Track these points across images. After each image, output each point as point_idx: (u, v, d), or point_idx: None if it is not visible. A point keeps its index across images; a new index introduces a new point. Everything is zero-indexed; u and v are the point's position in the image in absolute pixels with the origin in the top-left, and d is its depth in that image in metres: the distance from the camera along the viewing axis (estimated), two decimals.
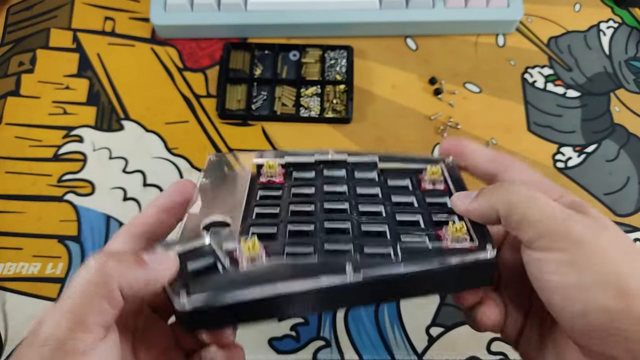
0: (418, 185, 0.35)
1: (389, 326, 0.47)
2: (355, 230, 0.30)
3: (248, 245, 0.27)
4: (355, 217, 0.31)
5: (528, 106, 0.55)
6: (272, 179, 0.34)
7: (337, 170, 0.36)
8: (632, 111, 0.55)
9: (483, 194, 0.29)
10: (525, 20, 0.59)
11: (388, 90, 0.55)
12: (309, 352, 0.45)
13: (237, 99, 0.54)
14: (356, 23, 0.56)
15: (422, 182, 0.35)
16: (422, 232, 0.30)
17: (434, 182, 0.34)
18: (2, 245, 0.49)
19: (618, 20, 0.59)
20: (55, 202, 0.50)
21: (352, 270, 0.26)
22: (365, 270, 0.26)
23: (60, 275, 0.48)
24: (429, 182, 0.34)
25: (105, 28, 0.57)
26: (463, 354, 0.46)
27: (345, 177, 0.35)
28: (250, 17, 0.55)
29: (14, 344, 0.45)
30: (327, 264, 0.27)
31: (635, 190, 0.52)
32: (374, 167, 0.36)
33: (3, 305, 0.47)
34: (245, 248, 0.27)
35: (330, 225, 0.30)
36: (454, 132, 0.54)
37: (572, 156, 0.53)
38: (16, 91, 0.54)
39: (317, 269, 0.26)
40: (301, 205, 0.32)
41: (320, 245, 0.29)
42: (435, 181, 0.34)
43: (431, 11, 0.56)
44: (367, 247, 0.29)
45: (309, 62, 0.56)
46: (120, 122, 0.53)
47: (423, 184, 0.35)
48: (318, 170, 0.36)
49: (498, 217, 0.28)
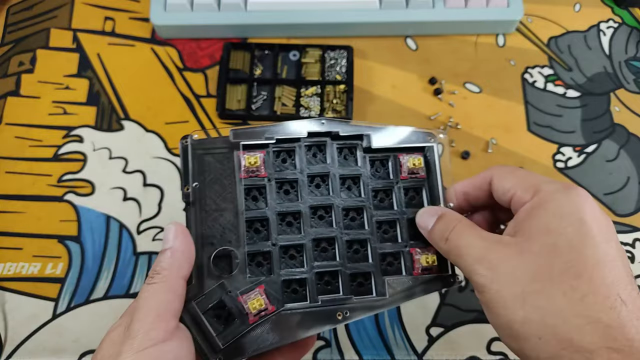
0: (399, 169, 0.37)
1: (389, 326, 0.47)
2: (344, 276, 0.35)
3: (254, 304, 0.32)
4: (341, 240, 0.35)
5: (528, 106, 0.55)
6: (256, 173, 0.35)
7: (317, 149, 0.37)
8: (632, 111, 0.55)
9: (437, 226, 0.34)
10: (525, 20, 0.59)
11: (388, 90, 0.55)
12: (309, 352, 0.45)
13: (237, 99, 0.54)
14: (356, 23, 0.56)
15: (402, 168, 0.37)
16: (400, 249, 0.36)
17: (413, 172, 0.37)
18: (2, 245, 0.49)
19: (618, 20, 0.59)
20: (55, 202, 0.50)
21: (342, 318, 0.33)
22: (353, 314, 0.33)
23: (60, 275, 0.48)
24: (409, 171, 0.37)
25: (105, 28, 0.57)
26: (463, 354, 0.46)
27: (329, 160, 0.37)
28: (250, 17, 0.55)
29: (14, 344, 0.45)
30: (323, 314, 0.33)
31: (635, 190, 0.52)
32: (359, 141, 0.37)
33: (3, 305, 0.47)
34: (252, 307, 0.32)
35: (320, 269, 0.35)
36: (454, 132, 0.54)
37: (572, 156, 0.53)
38: (16, 91, 0.54)
39: (315, 320, 0.33)
40: (289, 216, 0.36)
41: (313, 292, 0.34)
42: (414, 172, 0.37)
43: (431, 11, 0.56)
44: (355, 297, 0.34)
45: (309, 62, 0.56)
46: (120, 122, 0.53)
47: (403, 172, 0.37)
48: (301, 147, 0.36)
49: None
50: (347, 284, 0.34)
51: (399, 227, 0.36)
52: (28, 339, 0.46)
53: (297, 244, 0.35)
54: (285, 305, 0.33)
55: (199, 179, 0.35)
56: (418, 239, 0.36)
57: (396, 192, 0.37)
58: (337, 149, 0.37)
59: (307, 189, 0.36)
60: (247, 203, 0.35)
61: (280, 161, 0.36)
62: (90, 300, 0.47)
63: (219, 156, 0.35)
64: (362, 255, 0.36)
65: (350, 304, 0.33)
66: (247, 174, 0.35)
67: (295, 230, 0.35)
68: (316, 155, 0.37)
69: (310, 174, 0.36)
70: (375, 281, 0.35)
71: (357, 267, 0.35)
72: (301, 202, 0.35)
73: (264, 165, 0.35)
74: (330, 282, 0.35)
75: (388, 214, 0.36)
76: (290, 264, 0.35)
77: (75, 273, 0.48)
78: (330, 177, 0.36)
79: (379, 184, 0.37)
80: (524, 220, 0.30)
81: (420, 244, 0.36)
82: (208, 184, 0.35)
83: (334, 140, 0.37)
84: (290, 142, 0.36)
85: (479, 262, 0.30)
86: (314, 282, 0.34)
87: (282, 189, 0.36)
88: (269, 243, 0.34)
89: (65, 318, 0.46)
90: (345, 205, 0.36)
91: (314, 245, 0.35)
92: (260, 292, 0.32)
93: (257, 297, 0.32)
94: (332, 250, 0.35)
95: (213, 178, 0.35)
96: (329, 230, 0.35)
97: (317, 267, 0.34)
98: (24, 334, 0.46)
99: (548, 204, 0.29)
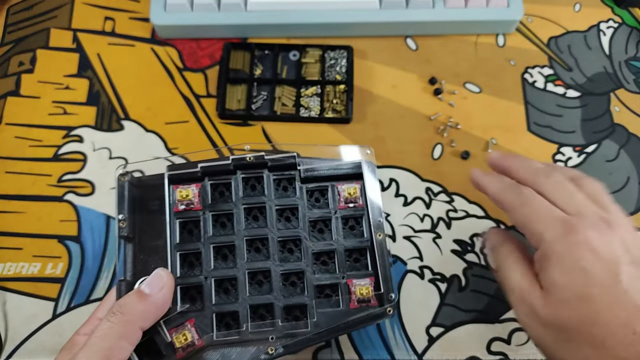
0: (338, 199, 0.37)
1: (389, 326, 0.47)
2: (277, 309, 0.34)
3: (180, 339, 0.32)
4: (276, 272, 0.35)
5: (528, 106, 0.55)
6: (189, 206, 0.36)
7: (255, 181, 0.37)
8: (632, 111, 0.55)
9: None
10: (525, 20, 0.59)
11: (388, 90, 0.55)
12: (309, 352, 0.45)
13: (237, 99, 0.54)
14: (356, 23, 0.56)
15: (340, 198, 0.37)
16: (337, 281, 0.35)
17: (351, 201, 0.37)
18: (2, 245, 0.49)
19: (618, 20, 0.59)
20: (55, 202, 0.50)
21: (274, 352, 0.33)
22: (285, 342, 0.33)
23: (60, 275, 0.48)
24: (345, 201, 0.37)
25: (105, 28, 0.57)
26: (463, 354, 0.46)
27: (266, 192, 0.37)
28: (250, 17, 0.55)
29: (14, 344, 0.45)
30: (254, 347, 0.33)
31: (635, 190, 0.52)
32: (293, 168, 0.37)
33: (3, 305, 0.47)
34: (178, 342, 0.32)
35: (254, 302, 0.35)
36: (454, 132, 0.54)
37: (572, 156, 0.53)
38: (16, 91, 0.54)
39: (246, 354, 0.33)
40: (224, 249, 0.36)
41: (245, 320, 0.34)
42: (352, 200, 0.37)
43: (431, 11, 0.56)
44: (287, 325, 0.34)
45: (309, 62, 0.56)
46: (120, 122, 0.53)
47: (341, 201, 0.37)
48: (237, 179, 0.37)
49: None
50: (282, 317, 0.34)
51: (337, 257, 0.36)
52: (28, 339, 0.46)
53: (231, 277, 0.34)
54: (214, 337, 0.33)
55: (134, 214, 0.35)
56: (356, 269, 0.36)
57: (334, 222, 0.37)
58: (275, 180, 0.37)
59: (243, 221, 0.36)
60: (182, 236, 0.35)
61: (218, 194, 0.36)
62: (90, 300, 0.47)
63: (157, 193, 0.36)
64: (300, 288, 0.35)
65: (283, 338, 0.33)
66: (182, 206, 0.35)
67: (231, 263, 0.35)
68: (255, 188, 0.37)
69: (246, 206, 0.36)
70: (310, 313, 0.34)
71: (291, 299, 0.34)
72: (236, 235, 0.35)
73: (199, 199, 0.35)
74: (265, 316, 0.34)
75: (325, 245, 0.36)
76: (224, 297, 0.34)
77: (75, 273, 0.48)
78: (267, 208, 0.36)
79: (316, 214, 0.37)
80: (539, 270, 0.32)
81: (358, 274, 0.35)
82: (145, 220, 0.35)
83: (271, 172, 0.37)
84: (226, 174, 0.36)
85: (521, 305, 0.33)
86: (248, 315, 0.34)
87: (218, 221, 0.36)
88: (202, 277, 0.34)
89: (65, 318, 0.46)
90: (281, 237, 0.36)
91: (249, 278, 0.35)
92: (189, 326, 0.33)
93: (183, 332, 0.32)
94: (267, 283, 0.35)
95: (150, 215, 0.35)
96: (263, 263, 0.35)
97: (251, 299, 0.34)
98: (24, 334, 0.46)
99: (551, 258, 0.31)
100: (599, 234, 0.30)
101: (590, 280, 0.29)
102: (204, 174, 0.36)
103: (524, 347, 0.46)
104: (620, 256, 0.29)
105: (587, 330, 0.29)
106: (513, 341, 0.46)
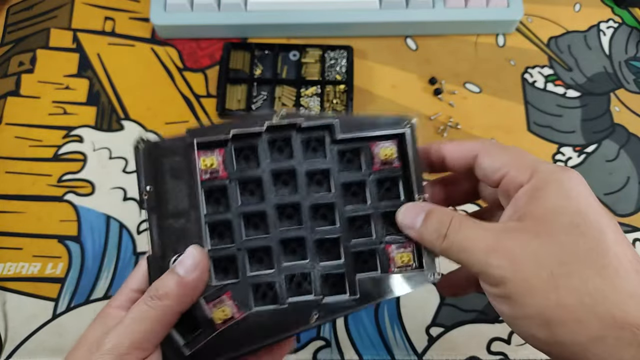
0: (371, 161, 0.34)
1: (389, 326, 0.47)
2: (315, 277, 0.33)
3: (219, 314, 0.31)
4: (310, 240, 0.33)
5: (528, 106, 0.55)
6: (214, 174, 0.33)
7: (282, 143, 0.34)
8: (632, 111, 0.55)
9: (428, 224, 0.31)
10: (525, 20, 0.59)
11: (388, 90, 0.55)
12: (309, 352, 0.45)
13: (237, 99, 0.54)
14: (356, 23, 0.56)
15: (375, 159, 0.34)
16: (374, 246, 0.33)
17: (386, 163, 0.34)
18: (2, 245, 0.49)
19: (618, 20, 0.59)
20: (55, 202, 0.50)
21: (315, 320, 0.32)
22: (327, 315, 0.32)
23: (60, 275, 0.48)
24: (381, 163, 0.34)
25: (105, 28, 0.57)
26: (463, 354, 0.46)
27: (293, 154, 0.34)
28: (250, 17, 0.55)
29: (14, 344, 0.45)
30: (295, 316, 0.32)
31: (635, 190, 0.52)
32: (326, 133, 0.34)
33: (3, 305, 0.47)
34: (217, 318, 0.31)
35: (289, 272, 0.33)
36: (454, 132, 0.54)
37: (572, 156, 0.53)
38: (16, 91, 0.54)
39: (286, 324, 0.32)
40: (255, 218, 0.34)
41: (283, 294, 0.32)
42: (388, 162, 0.34)
43: (431, 11, 0.56)
44: (327, 297, 0.33)
45: (309, 62, 0.56)
46: (120, 122, 0.53)
47: (375, 163, 0.34)
48: (263, 141, 0.34)
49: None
50: (319, 284, 0.33)
51: (373, 222, 0.34)
52: (28, 339, 0.46)
53: (264, 246, 0.33)
54: (254, 309, 0.32)
55: (156, 183, 0.33)
56: (394, 233, 0.34)
57: (369, 184, 0.34)
58: (304, 142, 0.34)
59: (272, 187, 0.33)
60: (209, 206, 0.33)
61: (243, 159, 0.34)
62: (90, 300, 0.47)
63: (178, 158, 0.33)
64: (335, 254, 0.34)
65: (324, 304, 0.32)
66: (207, 175, 0.33)
67: (262, 232, 0.33)
68: (282, 151, 0.34)
69: (275, 171, 0.34)
70: (348, 280, 0.33)
71: (327, 267, 0.33)
72: (266, 202, 0.33)
73: (223, 166, 0.33)
74: (302, 283, 0.33)
75: (360, 209, 0.34)
76: (258, 267, 0.33)
77: (75, 273, 0.48)
78: (297, 173, 0.34)
79: (350, 177, 0.34)
80: (528, 203, 0.28)
81: (397, 240, 0.33)
82: (168, 188, 0.33)
83: (300, 133, 0.34)
84: (251, 137, 0.33)
85: (492, 254, 0.27)
86: (284, 284, 0.32)
87: (246, 189, 0.34)
88: (234, 247, 0.33)
89: (65, 318, 0.46)
90: (313, 203, 0.34)
91: (283, 246, 0.33)
92: (226, 299, 0.31)
93: (222, 307, 0.31)
94: (301, 251, 0.33)
95: (172, 182, 0.33)
96: (296, 231, 0.33)
97: (286, 269, 0.33)
98: (24, 334, 0.46)
99: (551, 185, 0.28)
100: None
101: (598, 211, 0.28)
102: (234, 138, 0.33)
103: (524, 347, 0.46)
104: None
105: (596, 259, 0.26)
106: (513, 341, 0.46)
